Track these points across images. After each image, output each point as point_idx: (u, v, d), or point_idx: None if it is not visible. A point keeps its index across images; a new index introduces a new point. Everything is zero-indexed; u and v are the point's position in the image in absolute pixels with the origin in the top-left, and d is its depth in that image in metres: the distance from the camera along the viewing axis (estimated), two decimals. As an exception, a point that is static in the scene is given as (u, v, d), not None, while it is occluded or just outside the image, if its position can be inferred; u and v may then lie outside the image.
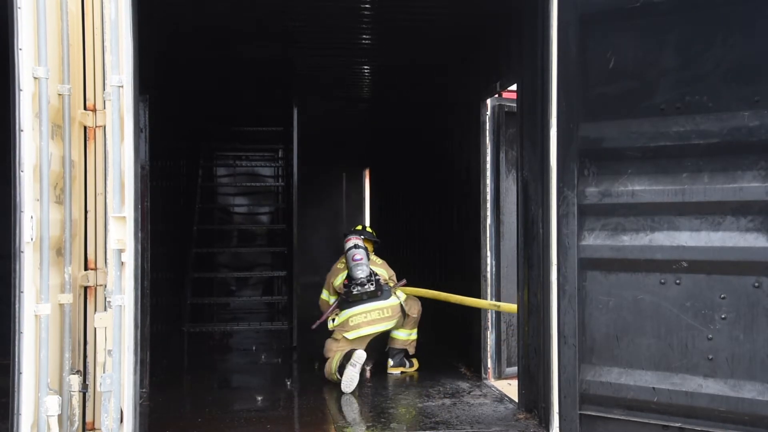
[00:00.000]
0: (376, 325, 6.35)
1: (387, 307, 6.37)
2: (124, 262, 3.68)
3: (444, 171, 7.65)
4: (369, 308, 6.34)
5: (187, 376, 6.70)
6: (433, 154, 8.20)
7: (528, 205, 4.79)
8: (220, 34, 6.69)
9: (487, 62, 6.28)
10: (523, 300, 4.89)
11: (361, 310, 6.33)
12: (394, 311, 6.40)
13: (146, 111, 5.16)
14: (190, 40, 6.71)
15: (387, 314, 6.37)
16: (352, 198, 15.71)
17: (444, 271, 7.67)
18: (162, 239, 6.40)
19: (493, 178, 6.28)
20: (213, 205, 10.65)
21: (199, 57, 7.43)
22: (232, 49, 7.24)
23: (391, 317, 6.38)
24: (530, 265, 4.79)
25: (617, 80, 4.02)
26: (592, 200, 4.16)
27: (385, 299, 6.37)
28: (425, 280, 8.49)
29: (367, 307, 6.33)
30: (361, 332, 6.30)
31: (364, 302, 6.32)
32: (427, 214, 8.53)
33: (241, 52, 7.34)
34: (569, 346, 4.18)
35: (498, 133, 6.26)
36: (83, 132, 3.98)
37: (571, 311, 4.18)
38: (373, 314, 6.33)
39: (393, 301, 6.40)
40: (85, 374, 3.93)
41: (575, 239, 4.18)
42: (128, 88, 3.70)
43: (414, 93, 9.01)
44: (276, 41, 6.98)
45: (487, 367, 6.28)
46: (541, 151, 4.54)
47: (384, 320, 6.36)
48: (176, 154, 7.66)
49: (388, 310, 6.37)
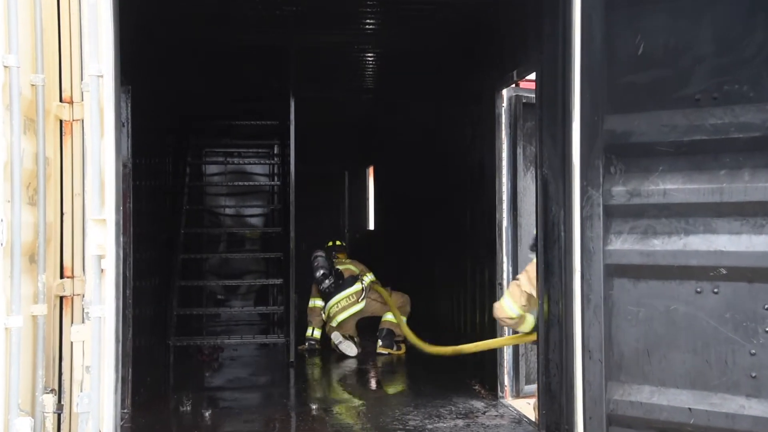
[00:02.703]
0: (348, 310, 8.65)
1: (352, 293, 8.69)
2: (103, 269, 3.66)
3: (455, 169, 7.64)
4: (339, 298, 8.69)
5: (173, 395, 6.68)
6: (443, 151, 8.18)
7: (548, 206, 4.77)
8: (210, 19, 6.69)
9: (502, 49, 6.26)
10: (543, 311, 4.86)
11: (334, 302, 8.69)
12: (358, 295, 8.68)
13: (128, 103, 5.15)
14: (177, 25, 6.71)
15: (353, 299, 8.67)
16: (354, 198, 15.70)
17: (456, 278, 7.65)
18: (145, 244, 6.40)
19: (509, 176, 6.26)
20: (202, 206, 10.66)
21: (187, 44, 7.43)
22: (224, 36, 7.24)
23: (357, 300, 8.66)
24: (551, 272, 4.76)
25: (647, 68, 3.98)
26: (620, 200, 4.13)
27: (350, 287, 8.69)
28: (435, 287, 8.47)
29: (337, 298, 8.69)
30: (338, 319, 8.65)
31: (334, 295, 8.69)
32: (436, 216, 8.51)
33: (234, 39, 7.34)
34: (595, 362, 4.14)
35: (515, 127, 6.25)
36: (59, 126, 3.96)
37: (596, 323, 4.15)
38: (343, 302, 8.67)
39: (356, 287, 8.70)
40: (60, 393, 3.91)
41: (601, 243, 4.14)
42: (108, 78, 3.68)
43: (422, 83, 9.00)
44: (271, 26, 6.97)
45: (504, 384, 6.26)
46: (562, 146, 4.51)
47: (352, 305, 8.66)
48: (161, 150, 7.65)
49: (353, 295, 8.68)
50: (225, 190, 11.38)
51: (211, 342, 8.44)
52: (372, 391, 6.72)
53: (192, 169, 9.88)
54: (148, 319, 6.75)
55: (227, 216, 11.61)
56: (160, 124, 7.45)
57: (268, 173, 11.56)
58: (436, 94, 8.51)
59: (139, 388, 5.82)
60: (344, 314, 8.63)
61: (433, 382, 6.73)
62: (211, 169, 11.31)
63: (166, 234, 7.89)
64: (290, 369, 7.76)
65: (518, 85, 6.25)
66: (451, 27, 6.81)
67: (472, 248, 7.06)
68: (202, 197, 10.88)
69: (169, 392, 6.82)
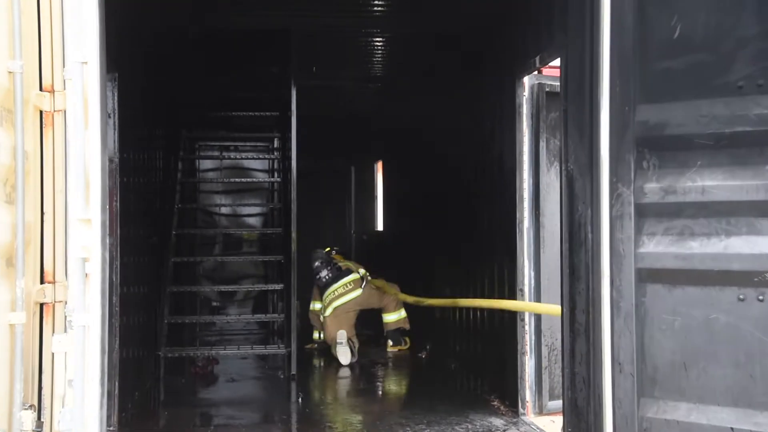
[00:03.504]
0: (344, 297, 9.31)
1: (349, 281, 9.41)
2: (88, 273, 3.65)
3: (472, 164, 7.62)
4: (336, 286, 9.42)
5: (164, 411, 6.69)
6: (459, 145, 8.17)
7: (574, 205, 4.75)
8: (204, 0, 6.69)
9: (524, 32, 6.24)
10: (569, 319, 4.84)
11: (330, 290, 9.40)
12: (355, 283, 9.41)
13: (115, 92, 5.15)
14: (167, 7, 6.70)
15: (350, 287, 9.38)
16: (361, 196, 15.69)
17: (472, 283, 7.63)
18: (134, 246, 6.40)
19: (531, 172, 6.25)
20: (195, 205, 10.67)
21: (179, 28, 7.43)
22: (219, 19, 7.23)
23: (354, 287, 9.38)
24: (577, 277, 4.74)
25: (684, 52, 3.95)
26: (653, 198, 4.10)
27: (346, 276, 9.46)
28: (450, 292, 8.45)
29: (334, 286, 9.42)
30: (334, 305, 9.26)
31: (332, 284, 9.41)
32: (451, 215, 8.50)
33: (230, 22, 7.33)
34: (626, 376, 4.11)
35: (537, 118, 6.24)
36: (39, 117, 3.95)
37: (627, 333, 4.12)
38: (339, 290, 9.38)
39: (353, 276, 9.47)
40: (39, 409, 3.90)
41: (632, 246, 4.12)
42: (93, 64, 3.67)
43: (435, 70, 8.97)
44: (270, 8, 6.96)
45: (525, 400, 6.24)
46: (589, 139, 4.49)
47: (348, 292, 9.35)
48: (151, 144, 7.66)
49: (350, 283, 9.41)
50: (220, 188, 11.40)
51: (205, 353, 8.43)
52: (381, 407, 6.71)
53: (185, 164, 9.89)
54: (137, 328, 6.74)
55: (223, 215, 11.63)
56: (150, 116, 7.45)
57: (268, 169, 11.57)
58: (451, 83, 8.50)
59: (126, 403, 5.82)
60: (340, 300, 9.29)
61: (448, 397, 6.71)
62: (205, 165, 11.33)
63: (156, 235, 7.89)
64: (291, 382, 7.74)
65: (541, 72, 6.23)
66: (468, 8, 6.78)
67: (490, 251, 7.04)
68: (195, 195, 10.89)
69: (159, 408, 6.82)
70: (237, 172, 11.52)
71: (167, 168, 8.86)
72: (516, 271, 6.29)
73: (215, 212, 11.52)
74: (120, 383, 5.40)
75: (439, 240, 9.10)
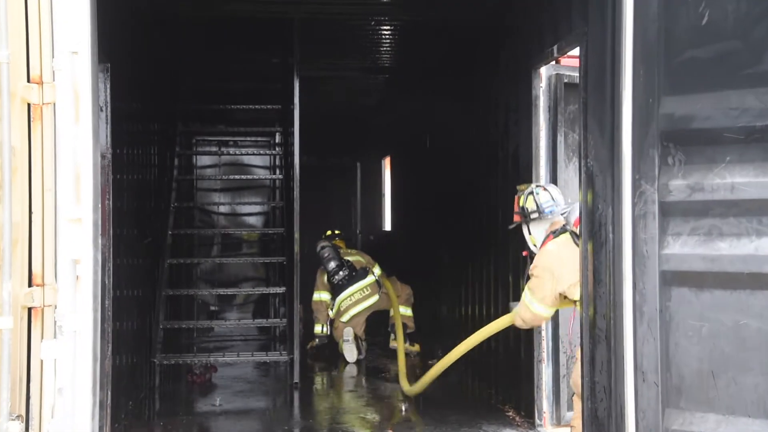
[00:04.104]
0: (361, 303, 9.50)
1: (366, 286, 9.58)
2: (79, 275, 3.67)
3: (486, 160, 7.61)
4: (352, 291, 9.54)
5: (159, 421, 6.69)
6: (472, 139, 8.16)
7: (594, 203, 4.72)
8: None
9: (540, 19, 6.22)
10: (589, 324, 4.82)
11: (346, 294, 9.52)
12: (373, 288, 9.60)
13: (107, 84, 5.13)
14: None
15: (367, 292, 9.55)
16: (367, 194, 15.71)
17: (485, 287, 7.62)
18: (128, 247, 6.41)
19: (548, 168, 6.23)
20: (192, 203, 10.68)
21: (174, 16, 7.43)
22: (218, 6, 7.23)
23: (372, 293, 9.56)
24: (597, 280, 4.72)
25: (712, 41, 3.92)
26: (679, 196, 4.08)
27: (363, 278, 9.59)
28: (460, 297, 8.44)
29: (350, 291, 9.53)
30: (350, 313, 9.45)
31: (346, 287, 9.54)
32: (463, 214, 8.49)
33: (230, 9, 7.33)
34: (649, 385, 4.10)
35: (555, 111, 6.22)
36: (27, 111, 3.95)
37: (651, 339, 4.10)
38: (356, 295, 9.53)
39: (370, 279, 9.63)
40: (27, 420, 3.90)
41: (656, 247, 4.10)
42: (85, 54, 3.67)
43: (447, 61, 8.96)
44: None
45: (542, 410, 6.23)
46: (610, 133, 4.47)
47: (366, 298, 9.53)
48: (146, 139, 7.66)
49: (367, 288, 9.58)
50: (219, 185, 11.41)
51: (202, 360, 8.44)
52: (389, 417, 6.70)
53: (181, 160, 9.91)
54: (131, 333, 6.76)
55: (221, 215, 11.65)
56: (145, 109, 7.46)
57: (269, 165, 11.59)
58: (463, 74, 8.48)
59: (119, 414, 5.82)
60: (358, 307, 9.49)
61: (460, 407, 6.70)
62: (203, 161, 11.35)
63: (151, 236, 7.90)
64: (294, 391, 7.74)
65: (559, 62, 6.21)
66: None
67: (504, 252, 7.03)
68: (192, 193, 10.91)
69: (155, 419, 6.82)
70: (236, 168, 11.54)
71: (163, 164, 8.87)
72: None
73: (213, 211, 11.53)
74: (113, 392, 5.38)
75: (451, 241, 9.08)
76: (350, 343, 9.27)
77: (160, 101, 8.59)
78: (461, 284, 8.53)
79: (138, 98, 6.96)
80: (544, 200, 5.58)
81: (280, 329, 9.73)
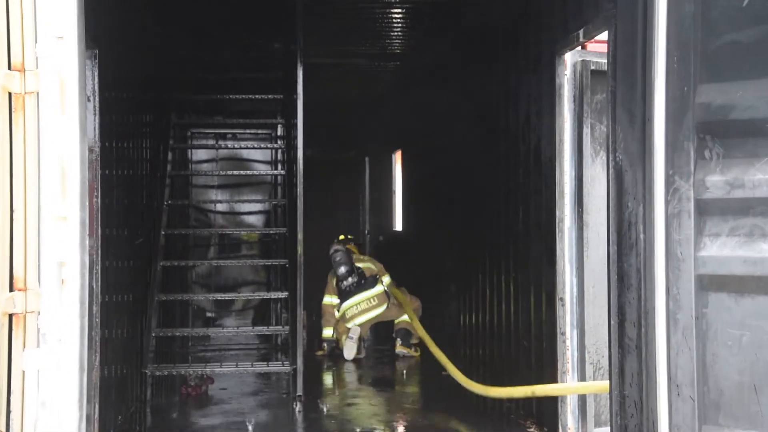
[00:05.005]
0: (368, 313, 10.07)
1: (374, 296, 10.12)
2: (64, 279, 3.67)
3: (505, 155, 7.61)
4: (359, 300, 10.07)
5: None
6: (490, 132, 8.16)
7: (623, 201, 4.72)
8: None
9: (565, 1, 6.21)
10: (618, 333, 4.82)
11: (352, 302, 10.06)
12: (380, 298, 10.14)
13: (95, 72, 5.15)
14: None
15: (375, 302, 10.09)
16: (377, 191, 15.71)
17: (504, 290, 7.61)
18: (117, 249, 6.41)
19: (573, 163, 6.23)
20: (187, 201, 10.71)
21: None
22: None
23: (379, 303, 10.10)
24: (627, 285, 4.71)
25: (754, 23, 3.91)
26: (717, 193, 4.07)
27: (371, 288, 10.14)
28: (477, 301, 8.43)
29: (357, 299, 10.07)
30: (356, 322, 10.04)
31: (354, 295, 10.07)
32: (480, 212, 8.49)
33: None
34: (685, 400, 4.09)
35: (580, 101, 6.21)
36: (8, 100, 3.95)
37: (686, 349, 4.10)
38: (363, 305, 10.06)
39: (378, 289, 10.17)
40: (10, 435, 3.92)
41: (691, 248, 4.09)
42: (71, 40, 3.68)
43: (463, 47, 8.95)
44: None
45: (567, 426, 6.22)
46: (642, 124, 4.47)
47: (374, 307, 10.07)
48: (137, 131, 7.68)
49: (374, 298, 10.11)
50: (216, 182, 11.44)
51: (198, 371, 8.45)
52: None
53: (175, 154, 9.92)
54: (121, 342, 6.77)
55: (219, 213, 11.67)
56: (136, 99, 7.47)
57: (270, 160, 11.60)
58: (481, 61, 8.47)
59: (108, 428, 5.83)
60: (364, 317, 10.09)
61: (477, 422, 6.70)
62: (198, 155, 11.36)
63: (143, 236, 7.91)
64: (298, 404, 7.74)
65: (585, 48, 6.20)
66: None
67: (525, 253, 7.04)
68: (187, 190, 10.94)
69: (146, 434, 6.84)
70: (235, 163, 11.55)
71: (155, 159, 8.88)
72: (555, 278, 6.26)
73: (210, 209, 11.55)
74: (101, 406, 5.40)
75: (467, 240, 9.08)
76: (353, 341, 9.89)
77: (153, 91, 8.60)
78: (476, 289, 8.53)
79: (128, 87, 6.97)
80: None
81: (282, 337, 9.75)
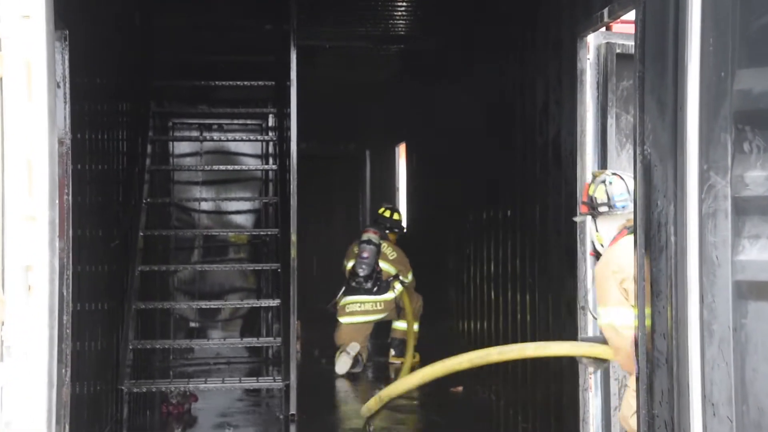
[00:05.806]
0: (369, 316, 10.37)
1: (381, 301, 10.37)
2: (31, 285, 3.66)
3: (521, 148, 7.63)
4: (364, 299, 10.33)
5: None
6: (504, 123, 8.18)
7: (652, 199, 4.71)
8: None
9: (587, -22, 6.22)
10: (645, 347, 4.80)
11: (357, 299, 10.34)
12: (387, 305, 10.40)
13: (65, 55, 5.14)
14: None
15: (380, 307, 10.37)
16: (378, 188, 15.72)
17: (520, 297, 7.62)
18: (91, 251, 6.41)
19: (596, 156, 6.23)
20: (168, 199, 10.71)
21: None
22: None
23: (383, 310, 10.40)
24: (656, 292, 4.70)
25: (799, 1, 3.90)
26: (757, 191, 4.05)
27: (382, 293, 10.36)
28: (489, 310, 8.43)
29: (362, 298, 10.33)
30: (354, 319, 10.29)
31: (361, 293, 10.31)
32: (491, 212, 8.49)
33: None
34: (721, 420, 4.07)
35: (605, 88, 6.21)
36: (-31, 87, 3.95)
37: (722, 364, 4.08)
38: (367, 305, 10.35)
39: (388, 296, 10.39)
40: (-29, 459, 3.90)
41: (728, 252, 4.07)
42: (38, 19, 3.67)
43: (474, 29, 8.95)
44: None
45: (589, 448, 6.22)
46: (673, 114, 4.45)
47: (377, 312, 10.39)
48: (113, 121, 7.68)
49: (381, 303, 10.37)
50: (201, 177, 11.42)
51: (180, 388, 8.45)
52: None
53: (155, 147, 9.92)
54: (94, 355, 6.76)
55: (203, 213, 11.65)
56: (111, 86, 7.47)
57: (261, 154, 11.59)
58: (495, 45, 8.48)
59: (80, 450, 5.82)
60: (364, 318, 10.41)
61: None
62: (181, 148, 11.36)
63: (119, 238, 7.91)
64: (291, 424, 7.73)
65: (610, 29, 6.19)
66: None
67: (542, 257, 7.05)
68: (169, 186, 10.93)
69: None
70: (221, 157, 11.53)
71: (133, 152, 8.88)
72: (576, 283, 6.26)
73: (194, 208, 11.53)
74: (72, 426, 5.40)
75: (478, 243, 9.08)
76: (349, 357, 10.12)
77: (130, 76, 8.60)
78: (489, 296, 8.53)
79: (103, 73, 6.96)
80: (617, 192, 5.45)
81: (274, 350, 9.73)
